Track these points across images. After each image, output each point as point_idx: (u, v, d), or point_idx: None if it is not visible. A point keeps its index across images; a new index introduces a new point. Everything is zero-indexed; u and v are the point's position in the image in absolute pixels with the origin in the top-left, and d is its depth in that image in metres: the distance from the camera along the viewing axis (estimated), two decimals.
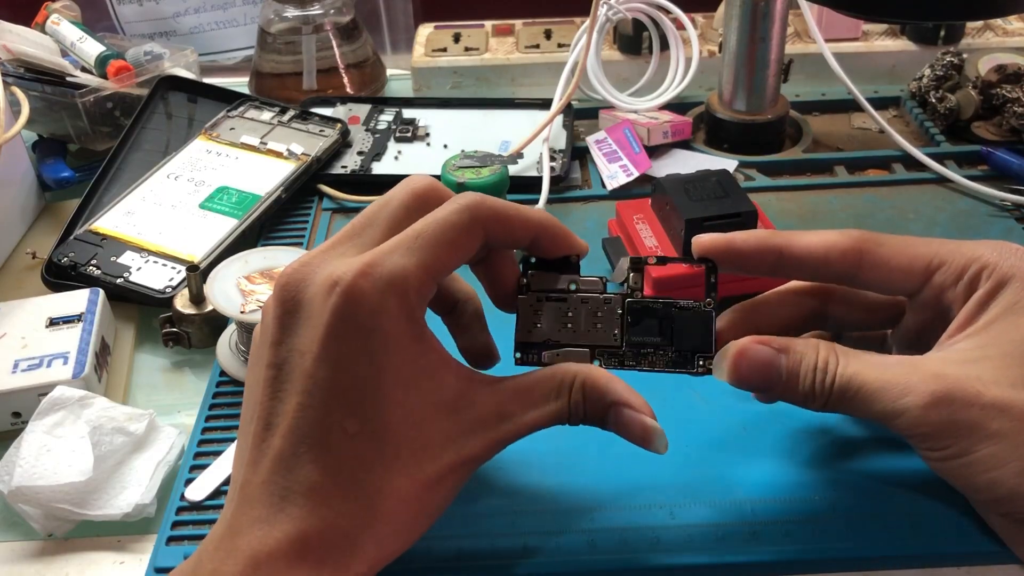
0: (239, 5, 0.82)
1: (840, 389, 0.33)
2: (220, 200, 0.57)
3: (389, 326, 0.30)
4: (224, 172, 0.59)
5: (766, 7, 0.58)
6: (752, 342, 0.34)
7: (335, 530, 0.30)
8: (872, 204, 0.57)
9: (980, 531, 0.36)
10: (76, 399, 0.42)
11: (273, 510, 0.29)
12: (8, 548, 0.40)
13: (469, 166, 0.53)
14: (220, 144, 0.62)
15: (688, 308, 0.35)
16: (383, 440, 0.30)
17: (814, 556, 0.36)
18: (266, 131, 0.63)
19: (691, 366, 0.35)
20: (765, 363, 0.34)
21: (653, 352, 0.35)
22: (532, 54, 0.74)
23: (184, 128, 0.66)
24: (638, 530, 0.36)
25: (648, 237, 0.49)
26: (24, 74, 0.65)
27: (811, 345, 0.34)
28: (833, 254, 0.35)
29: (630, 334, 0.35)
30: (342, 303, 0.30)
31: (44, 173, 0.63)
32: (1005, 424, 0.31)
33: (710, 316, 0.35)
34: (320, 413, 0.30)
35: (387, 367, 0.30)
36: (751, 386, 0.35)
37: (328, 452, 0.30)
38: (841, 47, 0.70)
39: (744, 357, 0.34)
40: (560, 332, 0.36)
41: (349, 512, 0.30)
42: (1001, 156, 0.59)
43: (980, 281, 0.34)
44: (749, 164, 0.61)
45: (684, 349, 0.35)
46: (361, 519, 0.30)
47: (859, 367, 0.33)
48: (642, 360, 0.35)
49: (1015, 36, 0.72)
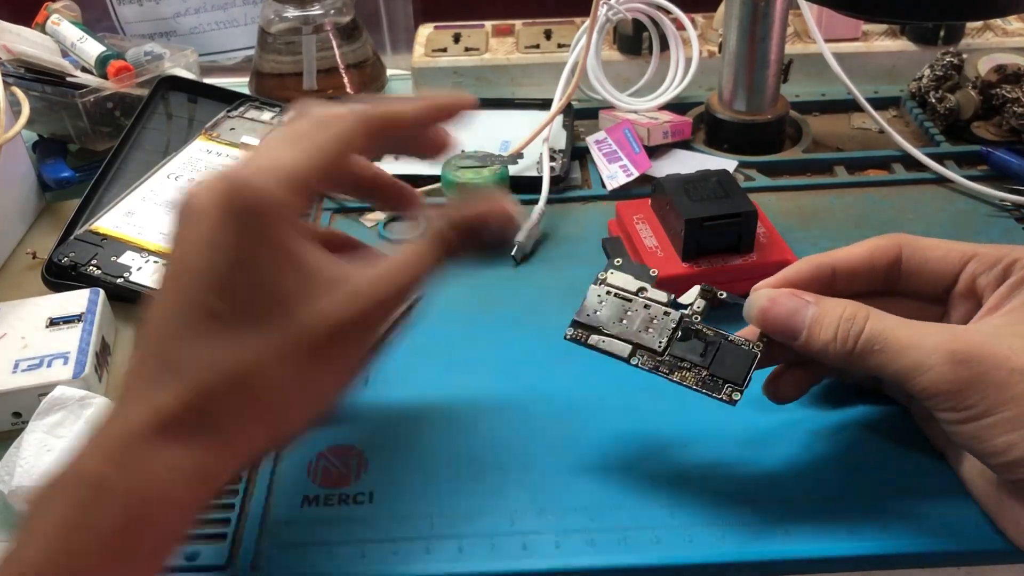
0: (239, 5, 0.82)
1: (866, 341, 0.34)
2: None
3: (271, 209, 0.31)
4: None
5: (766, 7, 0.58)
6: (786, 292, 0.36)
7: (207, 406, 0.30)
8: (872, 204, 0.57)
9: (980, 531, 0.36)
10: (76, 399, 0.42)
11: (143, 390, 0.30)
12: None
13: (469, 166, 0.54)
14: (220, 144, 0.62)
15: (737, 344, 0.37)
16: (254, 317, 0.30)
17: (814, 556, 0.36)
18: (267, 131, 0.63)
19: (718, 392, 0.36)
20: (790, 311, 0.35)
21: (689, 368, 0.37)
22: (532, 54, 0.74)
23: (184, 128, 0.66)
24: (638, 529, 0.37)
25: (648, 237, 0.49)
26: (24, 74, 0.65)
27: (842, 301, 0.35)
28: (877, 253, 0.37)
29: (674, 347, 0.37)
30: (225, 189, 0.30)
31: (44, 173, 0.63)
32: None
33: (754, 357, 0.37)
34: (191, 295, 0.30)
35: (264, 247, 0.31)
36: (775, 331, 0.36)
37: (197, 332, 0.30)
38: (841, 47, 0.70)
39: (775, 303, 0.36)
40: (613, 324, 0.38)
41: (221, 389, 0.30)
42: (1001, 156, 0.59)
43: (1013, 270, 0.36)
44: (749, 164, 0.61)
45: (718, 375, 0.37)
46: (235, 396, 0.30)
47: (890, 323, 0.34)
48: (675, 371, 0.37)
49: (1015, 36, 0.72)
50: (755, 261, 0.48)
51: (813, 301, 0.35)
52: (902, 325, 0.34)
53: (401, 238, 0.56)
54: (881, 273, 0.38)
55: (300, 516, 0.38)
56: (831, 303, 0.35)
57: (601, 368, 0.38)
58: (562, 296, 0.50)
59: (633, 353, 0.37)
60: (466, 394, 0.43)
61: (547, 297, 0.50)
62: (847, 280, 0.38)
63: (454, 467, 0.40)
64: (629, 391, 0.42)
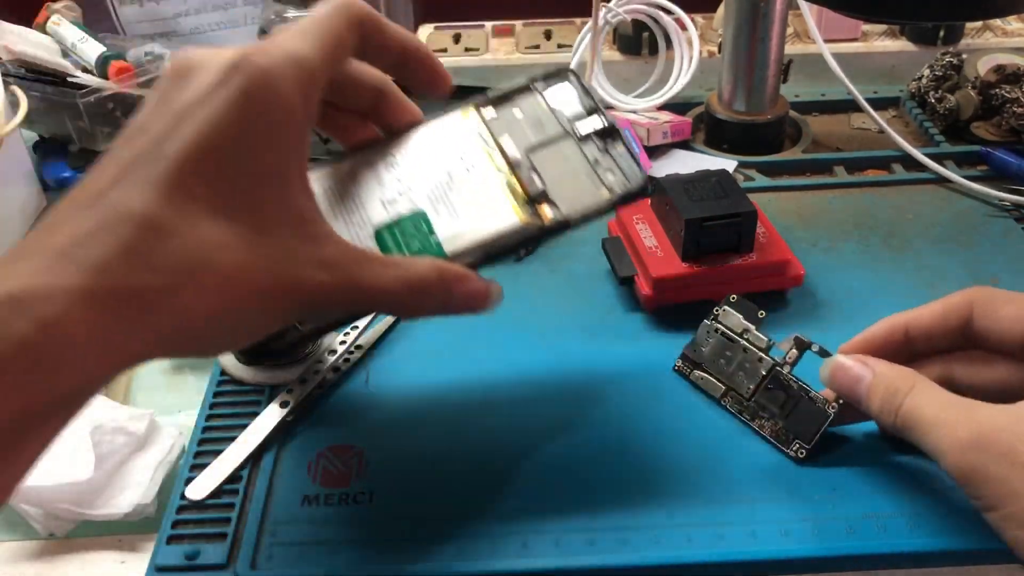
0: (240, 6, 0.82)
1: (903, 418, 0.34)
2: None
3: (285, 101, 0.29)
4: None
5: (766, 7, 0.58)
6: (852, 359, 0.37)
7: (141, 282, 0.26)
8: (872, 204, 0.57)
9: (980, 531, 0.36)
10: None
11: (79, 246, 0.26)
12: (9, 548, 0.40)
13: None
14: None
15: (815, 401, 0.39)
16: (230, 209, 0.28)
17: (814, 555, 0.36)
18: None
19: (787, 446, 0.39)
20: (855, 379, 0.36)
21: (767, 418, 0.39)
22: (532, 55, 0.74)
23: None
24: (638, 529, 0.37)
25: (648, 237, 0.49)
26: (25, 74, 0.65)
27: (894, 369, 0.35)
28: (949, 312, 0.37)
29: (760, 394, 0.40)
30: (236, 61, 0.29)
31: (45, 173, 0.63)
32: None
33: (827, 418, 0.38)
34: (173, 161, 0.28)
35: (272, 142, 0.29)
36: (843, 397, 0.37)
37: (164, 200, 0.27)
38: (841, 47, 0.71)
39: (841, 369, 0.37)
40: (714, 362, 0.41)
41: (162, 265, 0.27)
42: (1000, 156, 0.59)
43: None
44: (749, 164, 0.62)
45: (790, 430, 0.39)
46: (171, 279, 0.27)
47: (922, 400, 0.34)
48: (756, 419, 0.40)
49: (1014, 36, 0.72)
50: (755, 261, 0.48)
51: (871, 370, 0.36)
52: (933, 403, 0.34)
53: None
54: (957, 331, 0.38)
55: (300, 516, 0.38)
56: (883, 373, 0.36)
57: (601, 368, 0.38)
58: (562, 296, 0.50)
59: (725, 395, 0.41)
60: (466, 394, 0.43)
61: (546, 297, 0.50)
62: (924, 340, 0.38)
63: (454, 466, 0.40)
64: (630, 391, 0.42)
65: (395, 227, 0.35)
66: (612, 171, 0.36)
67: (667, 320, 0.48)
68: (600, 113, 0.37)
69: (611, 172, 0.36)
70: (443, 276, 0.33)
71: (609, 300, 0.50)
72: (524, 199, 0.36)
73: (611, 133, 0.37)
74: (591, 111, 0.38)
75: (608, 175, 0.36)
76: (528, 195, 0.36)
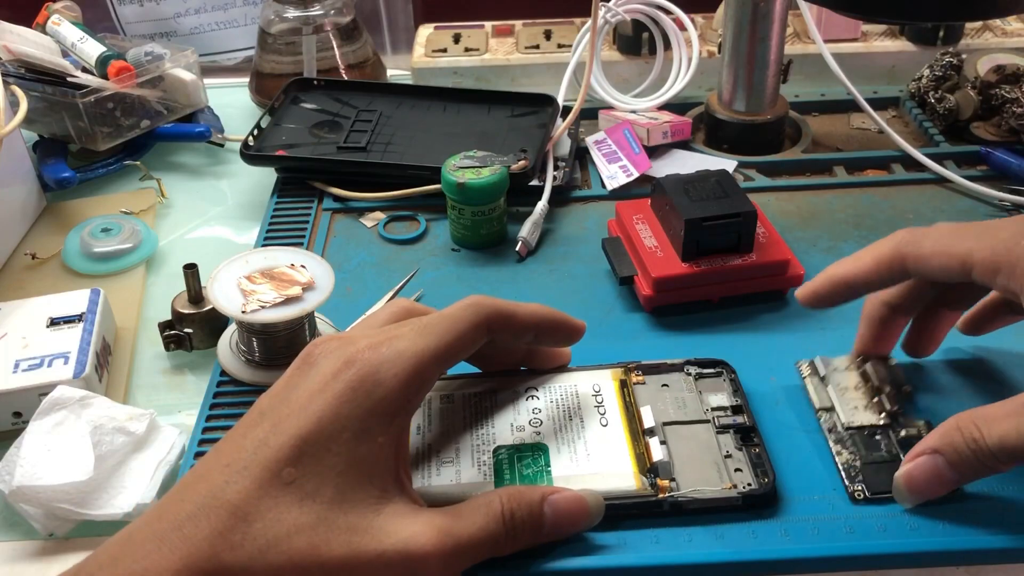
0: (239, 6, 0.82)
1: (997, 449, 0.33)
2: None
3: (387, 394, 0.33)
4: None
5: (766, 7, 0.58)
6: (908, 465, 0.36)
7: (223, 562, 0.30)
8: (871, 204, 0.57)
9: (980, 531, 0.36)
10: (77, 399, 0.42)
11: (184, 528, 0.30)
12: (9, 548, 0.40)
13: (469, 166, 0.54)
14: None
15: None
16: (316, 493, 0.31)
17: (814, 555, 0.36)
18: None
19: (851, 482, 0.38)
20: (932, 472, 0.35)
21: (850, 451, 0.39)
22: (532, 54, 0.74)
23: None
24: (640, 529, 0.36)
25: (648, 237, 0.49)
26: (25, 74, 0.65)
27: (951, 429, 0.35)
28: (880, 260, 0.38)
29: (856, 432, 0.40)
30: (346, 365, 0.33)
31: (45, 173, 0.63)
32: None
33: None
34: (276, 451, 0.31)
35: (368, 433, 0.32)
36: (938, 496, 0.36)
37: (259, 491, 0.31)
38: (840, 47, 0.71)
39: (913, 479, 0.36)
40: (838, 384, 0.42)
41: (241, 545, 0.30)
42: (1000, 156, 0.59)
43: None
44: (748, 164, 0.62)
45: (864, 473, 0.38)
46: (247, 560, 0.30)
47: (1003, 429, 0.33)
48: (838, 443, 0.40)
49: (1014, 36, 0.72)
50: (754, 261, 0.48)
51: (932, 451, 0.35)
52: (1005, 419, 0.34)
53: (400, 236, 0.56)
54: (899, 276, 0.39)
55: None
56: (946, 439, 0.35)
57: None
58: (562, 296, 0.50)
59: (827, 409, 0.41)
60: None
61: (547, 296, 0.50)
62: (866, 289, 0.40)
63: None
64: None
65: (515, 451, 0.38)
66: (742, 469, 0.38)
67: (667, 320, 0.48)
68: (746, 414, 0.40)
69: (741, 470, 0.37)
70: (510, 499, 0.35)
71: (609, 300, 0.50)
72: (646, 468, 0.37)
73: (751, 434, 0.39)
74: (736, 410, 0.40)
75: (737, 472, 0.37)
76: (651, 465, 0.37)
